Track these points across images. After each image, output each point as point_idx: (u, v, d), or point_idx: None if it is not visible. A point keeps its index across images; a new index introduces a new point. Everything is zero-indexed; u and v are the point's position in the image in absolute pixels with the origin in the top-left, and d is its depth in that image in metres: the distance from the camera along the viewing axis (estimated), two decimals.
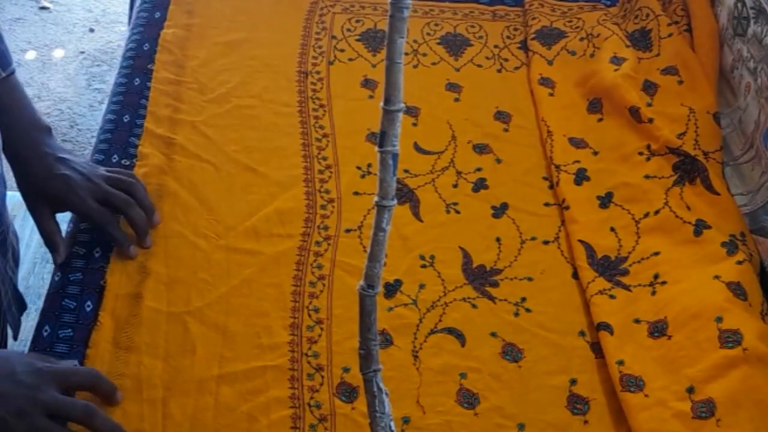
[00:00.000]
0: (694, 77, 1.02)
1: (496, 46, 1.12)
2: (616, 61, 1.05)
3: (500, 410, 0.75)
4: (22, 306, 0.91)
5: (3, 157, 0.81)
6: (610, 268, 0.86)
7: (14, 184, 0.82)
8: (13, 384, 0.65)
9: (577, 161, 0.96)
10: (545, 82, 1.06)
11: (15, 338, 0.91)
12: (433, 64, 1.09)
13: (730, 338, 0.76)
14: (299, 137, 0.98)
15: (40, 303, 0.81)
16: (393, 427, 0.56)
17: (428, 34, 1.13)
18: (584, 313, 0.83)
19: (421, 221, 0.90)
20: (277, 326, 0.79)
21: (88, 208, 0.81)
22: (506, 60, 1.11)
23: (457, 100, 1.05)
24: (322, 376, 0.76)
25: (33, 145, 0.81)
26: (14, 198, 0.91)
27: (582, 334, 0.82)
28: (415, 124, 1.01)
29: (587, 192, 0.93)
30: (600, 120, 1.01)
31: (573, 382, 0.78)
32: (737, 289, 0.80)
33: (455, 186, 0.94)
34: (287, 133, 0.98)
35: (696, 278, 0.83)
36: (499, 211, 0.92)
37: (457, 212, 0.92)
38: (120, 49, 1.37)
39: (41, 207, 0.81)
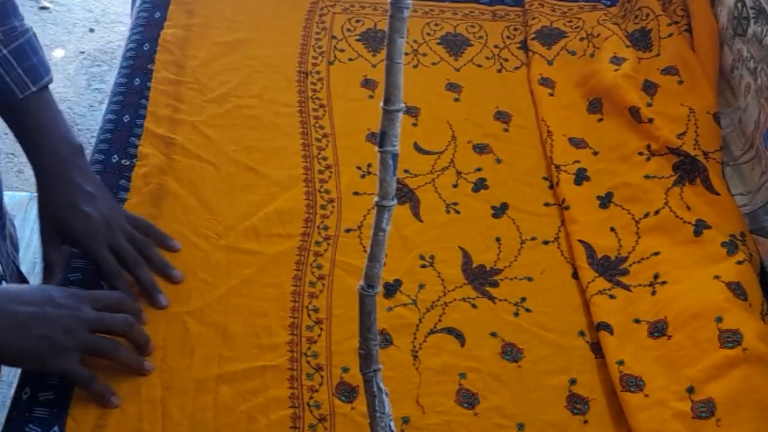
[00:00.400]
0: (694, 77, 1.02)
1: (496, 46, 1.12)
2: (616, 61, 1.05)
3: (500, 410, 0.75)
4: None
5: None
6: (610, 268, 0.86)
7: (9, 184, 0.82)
8: (55, 307, 0.69)
9: (577, 161, 0.96)
10: (545, 82, 1.06)
11: None
12: (433, 64, 1.09)
13: (730, 338, 0.76)
14: (299, 137, 0.98)
15: None
16: (393, 427, 0.56)
17: (428, 34, 1.13)
18: (584, 313, 0.83)
19: (421, 221, 0.90)
20: (277, 326, 0.79)
21: (100, 255, 0.78)
22: (506, 60, 1.11)
23: (457, 100, 1.05)
24: (322, 376, 0.76)
25: (61, 168, 0.78)
26: (14, 198, 0.91)
27: (582, 334, 0.82)
28: (415, 124, 1.01)
29: (587, 192, 0.93)
30: (600, 120, 1.01)
31: (573, 382, 0.78)
32: (737, 289, 0.80)
33: (455, 186, 0.94)
34: (287, 133, 0.98)
35: (696, 278, 0.83)
36: (499, 211, 0.92)
37: (457, 212, 0.92)
38: (120, 49, 1.37)
39: (52, 235, 0.79)
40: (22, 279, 0.90)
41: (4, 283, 0.85)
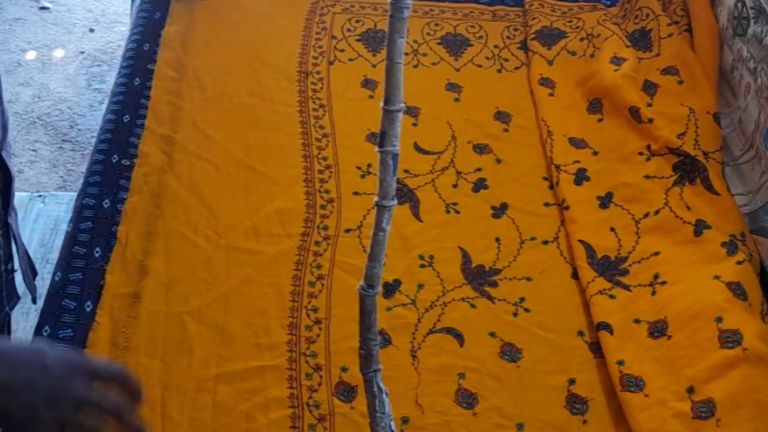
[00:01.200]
0: (694, 77, 1.02)
1: (496, 46, 1.12)
2: (616, 61, 1.05)
3: (499, 410, 0.75)
4: (33, 271, 0.88)
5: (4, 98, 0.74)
6: (610, 268, 0.86)
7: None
8: (43, 374, 0.63)
9: (577, 161, 0.96)
10: (545, 82, 1.06)
11: (34, 301, 0.86)
12: (433, 64, 1.09)
13: (730, 338, 0.76)
14: (299, 137, 0.98)
15: (40, 303, 0.81)
16: (393, 427, 0.56)
17: (428, 34, 1.13)
18: (583, 313, 0.83)
19: (421, 221, 0.90)
20: (276, 326, 0.79)
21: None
22: (506, 60, 1.11)
23: (457, 100, 1.05)
24: (321, 376, 0.76)
25: None
26: (14, 198, 0.91)
27: (581, 334, 0.82)
28: (415, 124, 1.01)
29: (587, 192, 0.93)
30: (600, 120, 1.01)
31: (572, 381, 0.78)
32: (737, 289, 0.80)
33: (455, 186, 0.94)
34: (287, 133, 0.98)
35: (696, 278, 0.83)
36: (499, 211, 0.92)
37: (457, 212, 0.92)
38: (120, 49, 1.37)
39: None
40: (29, 262, 0.86)
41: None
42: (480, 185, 0.95)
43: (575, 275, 0.86)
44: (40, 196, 1.53)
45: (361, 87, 1.05)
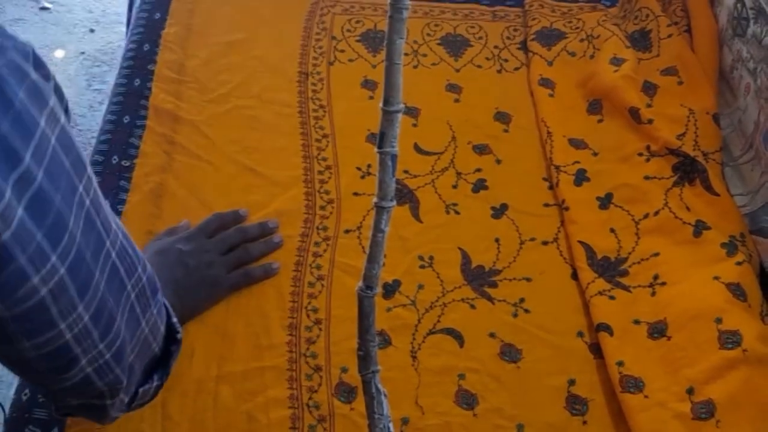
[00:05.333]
0: (694, 78, 1.02)
1: (496, 47, 1.12)
2: (616, 62, 1.05)
3: (499, 411, 0.75)
4: None
5: None
6: (610, 269, 0.86)
7: None
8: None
9: (577, 162, 0.96)
10: (545, 82, 1.06)
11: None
12: (433, 64, 1.09)
13: (730, 339, 0.76)
14: (299, 138, 0.98)
15: None
16: (392, 429, 0.56)
17: (428, 34, 1.13)
18: (583, 313, 0.83)
19: (421, 222, 0.90)
20: (276, 326, 0.79)
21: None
22: (506, 61, 1.11)
23: (457, 100, 1.05)
24: (321, 377, 0.76)
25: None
26: None
27: (581, 334, 0.82)
28: (415, 125, 1.01)
29: (587, 193, 0.93)
30: (600, 121, 1.01)
31: (572, 382, 0.78)
32: (737, 290, 0.80)
33: (455, 187, 0.94)
34: (287, 134, 0.98)
35: (696, 279, 0.83)
36: (499, 211, 0.92)
37: (457, 213, 0.92)
38: (120, 50, 1.37)
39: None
40: None
41: None
42: (480, 186, 0.95)
43: (575, 276, 0.86)
44: None
45: (361, 88, 1.05)
